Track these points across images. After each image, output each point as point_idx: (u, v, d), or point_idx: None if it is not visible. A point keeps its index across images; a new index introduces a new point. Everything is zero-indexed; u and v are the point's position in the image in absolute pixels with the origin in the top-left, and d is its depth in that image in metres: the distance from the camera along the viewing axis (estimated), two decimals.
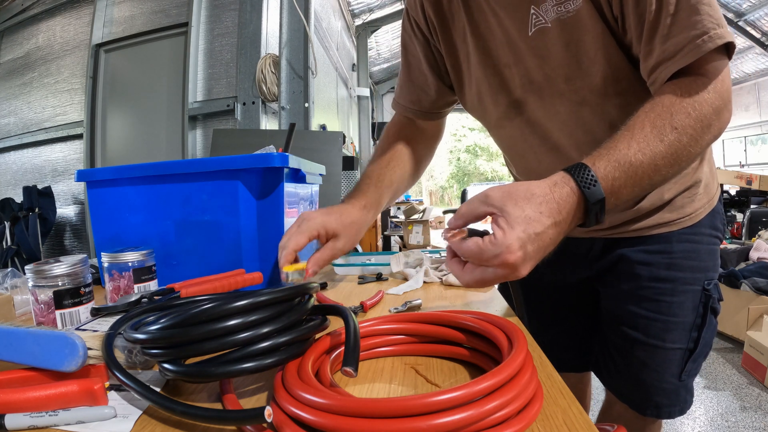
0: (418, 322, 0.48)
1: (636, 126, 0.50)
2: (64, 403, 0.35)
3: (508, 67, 0.71)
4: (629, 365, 0.77)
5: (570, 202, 0.47)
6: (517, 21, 0.66)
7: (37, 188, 3.23)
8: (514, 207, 0.45)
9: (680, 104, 0.50)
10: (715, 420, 1.78)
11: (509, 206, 0.45)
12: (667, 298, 0.73)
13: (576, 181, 0.47)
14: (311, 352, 0.40)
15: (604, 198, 0.47)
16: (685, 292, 0.73)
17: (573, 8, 0.61)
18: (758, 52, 8.70)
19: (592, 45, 0.62)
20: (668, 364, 0.74)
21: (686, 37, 0.51)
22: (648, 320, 0.74)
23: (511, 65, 0.71)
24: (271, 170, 0.75)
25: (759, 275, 2.50)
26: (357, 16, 7.27)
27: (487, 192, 0.47)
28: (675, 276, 0.73)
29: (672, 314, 0.73)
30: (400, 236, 4.89)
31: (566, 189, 0.47)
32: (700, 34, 0.51)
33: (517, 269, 0.45)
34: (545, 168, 0.70)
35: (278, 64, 2.90)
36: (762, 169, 6.14)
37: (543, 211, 0.45)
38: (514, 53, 0.69)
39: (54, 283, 0.54)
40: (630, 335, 0.76)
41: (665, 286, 0.73)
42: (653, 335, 0.74)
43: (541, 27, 0.65)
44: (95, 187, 0.82)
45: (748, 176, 4.71)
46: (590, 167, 0.48)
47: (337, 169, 2.43)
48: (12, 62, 3.79)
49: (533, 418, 0.31)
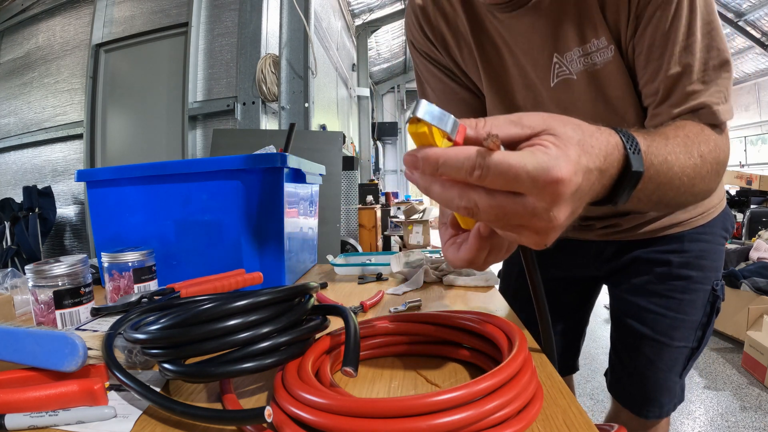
0: (418, 322, 0.48)
1: (669, 133, 0.45)
2: (64, 403, 0.35)
3: (526, 109, 0.67)
4: (636, 363, 0.77)
5: (614, 155, 0.35)
6: (538, 68, 0.63)
7: (37, 188, 3.23)
8: (564, 127, 0.32)
9: (705, 137, 0.49)
10: (715, 420, 1.78)
11: (557, 125, 0.32)
12: (678, 295, 0.73)
13: (621, 138, 0.37)
14: (311, 352, 0.40)
15: (642, 173, 0.37)
16: (696, 290, 0.74)
17: (601, 61, 0.58)
18: (758, 52, 8.70)
19: (621, 96, 0.59)
20: (673, 363, 0.75)
21: (700, 104, 0.52)
22: (657, 315, 0.74)
23: (529, 107, 0.67)
24: (271, 170, 0.75)
25: (759, 275, 2.50)
26: (357, 16, 7.27)
27: (519, 114, 0.33)
28: (688, 274, 0.74)
29: (682, 312, 0.73)
30: (400, 236, 4.89)
31: (613, 139, 0.36)
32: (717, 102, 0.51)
33: (557, 212, 0.31)
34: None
35: (278, 64, 2.90)
36: (762, 169, 6.14)
37: (594, 145, 0.33)
38: (533, 97, 0.66)
39: (54, 283, 0.54)
40: (638, 330, 0.76)
41: (678, 283, 0.74)
42: (661, 332, 0.74)
43: (565, 78, 0.61)
44: (95, 187, 0.82)
45: (748, 176, 4.71)
46: (633, 134, 0.38)
47: (337, 169, 2.43)
48: (12, 62, 3.79)
49: (533, 418, 0.31)
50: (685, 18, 0.51)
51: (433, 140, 0.31)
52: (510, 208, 0.30)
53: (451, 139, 0.31)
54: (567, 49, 0.60)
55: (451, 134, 0.31)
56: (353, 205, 3.56)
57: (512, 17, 0.62)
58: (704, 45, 0.52)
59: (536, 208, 0.30)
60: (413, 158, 0.31)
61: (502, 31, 0.65)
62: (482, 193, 0.30)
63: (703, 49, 0.52)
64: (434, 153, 0.30)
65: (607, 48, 0.58)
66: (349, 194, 3.50)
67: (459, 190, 0.31)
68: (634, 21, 0.55)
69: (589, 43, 0.59)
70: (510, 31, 0.64)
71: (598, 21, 0.57)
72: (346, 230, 3.52)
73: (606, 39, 0.58)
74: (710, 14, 0.52)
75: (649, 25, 0.53)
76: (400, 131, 9.99)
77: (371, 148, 8.04)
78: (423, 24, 0.72)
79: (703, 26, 0.52)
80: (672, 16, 0.52)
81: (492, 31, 0.66)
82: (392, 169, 10.65)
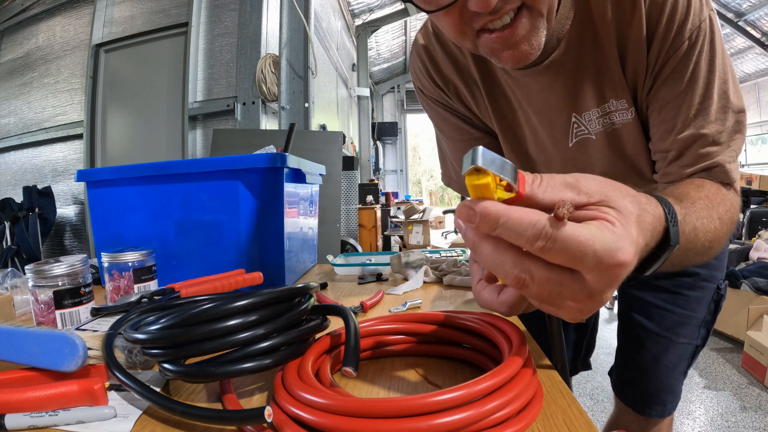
0: (418, 322, 0.48)
1: (692, 195, 0.45)
2: (64, 403, 0.35)
3: (538, 163, 0.66)
4: (640, 360, 0.77)
5: (658, 229, 0.34)
6: (555, 128, 0.61)
7: (37, 188, 3.23)
8: (623, 199, 0.30)
9: (722, 198, 0.48)
10: (715, 420, 1.78)
11: (615, 196, 0.30)
12: (685, 291, 0.74)
13: (665, 210, 0.35)
14: (311, 352, 0.40)
15: (677, 246, 0.36)
16: (703, 288, 0.74)
17: (620, 121, 0.57)
18: (758, 52, 8.70)
19: (638, 153, 0.58)
20: (678, 360, 0.75)
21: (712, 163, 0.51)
22: (663, 311, 0.74)
23: (541, 164, 0.66)
24: (271, 170, 0.75)
25: (759, 275, 2.50)
26: (357, 16, 7.27)
27: (576, 176, 0.31)
28: (696, 271, 0.74)
29: (689, 308, 0.74)
30: (400, 236, 4.89)
31: (658, 211, 0.35)
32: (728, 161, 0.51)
33: (609, 293, 0.29)
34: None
35: (278, 64, 2.90)
36: (762, 169, 6.13)
37: (646, 220, 0.32)
38: (544, 155, 0.64)
39: (54, 283, 0.54)
40: (644, 325, 0.76)
41: (686, 280, 0.74)
42: (667, 327, 0.74)
43: (584, 138, 0.59)
44: (95, 187, 0.82)
45: (748, 176, 4.71)
46: (673, 205, 0.37)
47: (337, 169, 2.43)
48: (12, 62, 3.79)
49: (533, 418, 0.31)
50: (703, 79, 0.50)
51: (494, 193, 0.28)
52: (566, 286, 0.28)
53: (513, 189, 0.28)
54: (585, 109, 0.58)
55: (514, 183, 0.28)
56: (353, 205, 3.56)
57: (526, 75, 0.58)
58: (720, 106, 0.51)
59: (592, 289, 0.28)
60: (469, 212, 0.28)
61: (515, 87, 0.62)
62: (541, 265, 0.28)
63: (719, 110, 0.51)
64: (495, 210, 0.27)
65: (627, 110, 0.56)
66: (349, 194, 3.50)
67: (514, 256, 0.28)
68: (651, 78, 0.54)
69: (608, 103, 0.57)
70: (523, 89, 0.61)
71: (618, 80, 0.55)
72: (346, 230, 3.53)
73: (627, 101, 0.56)
74: (726, 73, 0.51)
75: (665, 84, 0.52)
76: (400, 131, 9.99)
77: (371, 148, 8.04)
78: (431, 70, 0.68)
79: (720, 86, 0.51)
80: (689, 77, 0.50)
81: (504, 84, 0.63)
82: (392, 169, 10.64)
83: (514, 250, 0.28)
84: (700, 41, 0.49)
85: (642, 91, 0.55)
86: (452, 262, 0.84)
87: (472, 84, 0.66)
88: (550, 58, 0.56)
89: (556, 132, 0.61)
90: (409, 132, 11.02)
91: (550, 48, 0.55)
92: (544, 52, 0.54)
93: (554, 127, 0.61)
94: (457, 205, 0.30)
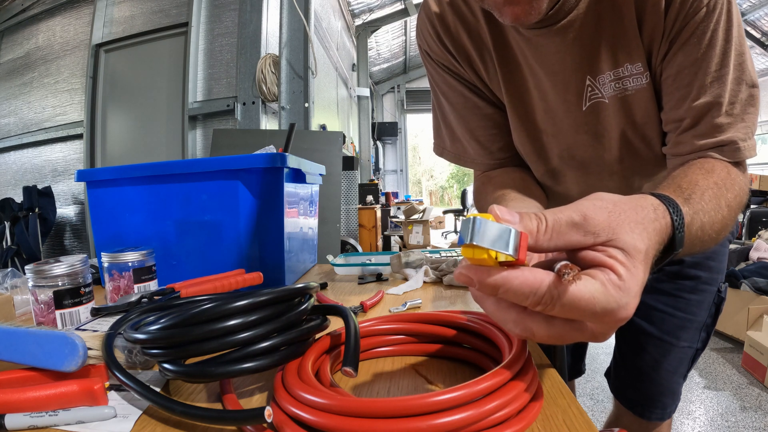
0: (418, 322, 0.48)
1: (701, 183, 0.45)
2: (64, 403, 0.35)
3: (545, 133, 0.65)
4: (640, 363, 0.77)
5: (664, 240, 0.35)
6: (569, 92, 0.59)
7: (37, 188, 3.23)
8: (631, 233, 0.30)
9: (731, 183, 0.48)
10: (715, 420, 1.77)
11: (624, 233, 0.30)
12: (686, 295, 0.73)
13: (673, 219, 0.36)
14: (311, 352, 0.40)
15: (681, 249, 0.37)
16: (704, 291, 0.74)
17: (633, 86, 0.56)
18: (758, 52, 8.69)
19: (648, 122, 0.58)
20: (678, 364, 0.75)
21: (726, 140, 0.51)
22: (664, 314, 0.74)
23: (549, 133, 0.65)
24: (271, 170, 0.75)
25: (759, 275, 2.50)
26: (357, 16, 7.26)
27: (583, 211, 0.31)
28: (697, 274, 0.74)
29: (690, 312, 0.74)
30: (400, 236, 4.89)
31: (666, 221, 0.35)
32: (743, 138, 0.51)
33: (614, 330, 0.31)
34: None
35: (278, 64, 2.90)
36: (762, 169, 6.13)
37: (652, 243, 0.32)
38: (553, 124, 0.63)
39: (54, 283, 0.54)
40: (643, 329, 0.76)
41: (687, 283, 0.74)
42: (667, 331, 0.74)
43: (598, 101, 0.58)
44: (95, 187, 0.82)
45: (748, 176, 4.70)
46: (681, 208, 0.37)
47: (337, 169, 2.43)
48: (12, 62, 3.79)
49: (533, 418, 0.31)
50: (720, 47, 0.49)
51: (493, 262, 0.28)
52: (569, 334, 0.30)
53: (513, 257, 0.28)
54: (600, 72, 0.57)
55: (513, 255, 0.28)
56: (353, 205, 3.56)
57: (540, 35, 0.57)
58: (735, 77, 0.50)
59: (595, 333, 0.30)
60: (468, 279, 0.29)
61: (526, 49, 0.60)
62: (541, 321, 0.30)
63: (734, 81, 0.50)
64: (494, 281, 0.28)
65: (642, 74, 0.55)
66: (349, 194, 3.50)
67: (516, 315, 0.30)
68: (667, 43, 0.53)
69: (622, 67, 0.56)
70: (537, 51, 0.59)
71: (634, 44, 0.54)
72: (346, 230, 3.52)
73: (642, 65, 0.55)
74: (742, 45, 0.51)
75: (681, 50, 0.51)
76: (400, 131, 9.98)
77: (371, 148, 8.04)
78: (441, 33, 0.66)
79: (736, 57, 0.50)
80: (707, 44, 0.49)
81: (516, 49, 0.62)
82: (392, 169, 10.63)
83: (516, 310, 0.30)
84: (718, 9, 0.49)
85: (657, 57, 0.54)
86: (452, 262, 0.84)
87: (484, 50, 0.65)
88: (568, 18, 0.55)
89: (570, 95, 0.60)
90: (409, 132, 11.01)
91: (568, 8, 0.54)
92: (561, 12, 0.54)
93: (568, 89, 0.60)
94: (455, 270, 0.31)
